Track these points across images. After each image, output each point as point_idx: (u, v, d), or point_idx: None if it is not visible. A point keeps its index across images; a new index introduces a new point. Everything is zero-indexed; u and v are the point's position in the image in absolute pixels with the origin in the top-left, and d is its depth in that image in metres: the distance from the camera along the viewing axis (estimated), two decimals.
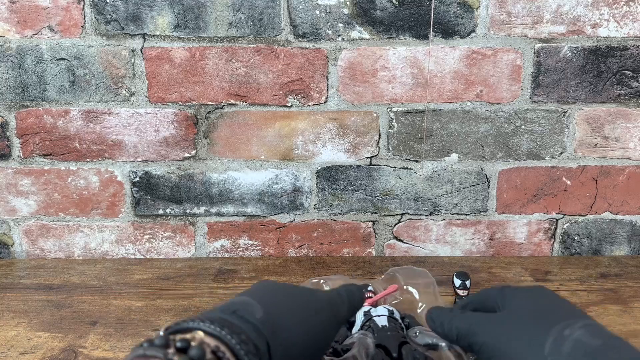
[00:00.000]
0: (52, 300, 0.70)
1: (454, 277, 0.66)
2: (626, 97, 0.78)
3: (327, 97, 0.77)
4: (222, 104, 0.77)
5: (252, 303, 0.35)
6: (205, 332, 0.31)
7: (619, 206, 0.82)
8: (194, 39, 0.75)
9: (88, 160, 0.79)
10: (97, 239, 0.83)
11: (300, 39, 0.75)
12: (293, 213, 0.82)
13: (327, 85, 0.77)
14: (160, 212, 0.82)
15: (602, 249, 0.85)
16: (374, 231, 0.82)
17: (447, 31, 0.75)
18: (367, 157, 0.79)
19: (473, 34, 0.75)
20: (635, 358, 0.31)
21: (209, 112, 0.78)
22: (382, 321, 0.53)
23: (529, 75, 0.77)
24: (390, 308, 0.56)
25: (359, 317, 0.55)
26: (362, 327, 0.54)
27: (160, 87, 0.77)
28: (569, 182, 0.81)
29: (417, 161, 0.80)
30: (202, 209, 0.82)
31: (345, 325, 0.55)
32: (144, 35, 0.75)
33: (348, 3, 0.74)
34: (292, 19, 0.74)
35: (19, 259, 0.83)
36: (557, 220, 0.83)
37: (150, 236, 0.83)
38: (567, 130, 0.79)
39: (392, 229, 0.82)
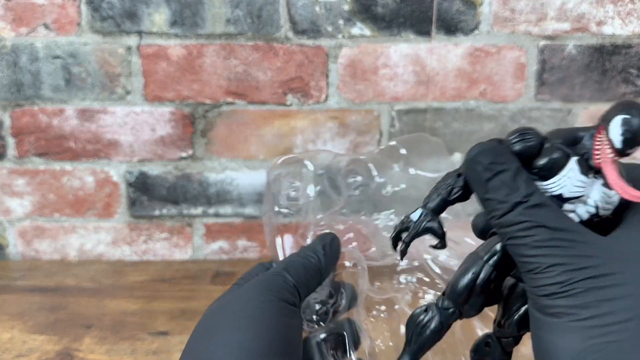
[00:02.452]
0: (47, 303, 0.69)
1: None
2: (631, 96, 0.77)
3: (327, 96, 0.76)
4: (220, 102, 0.76)
5: None
6: None
7: None
8: (191, 36, 0.74)
9: (83, 160, 0.78)
10: (92, 240, 0.82)
11: (299, 36, 0.74)
12: None
13: (327, 83, 0.76)
14: (157, 213, 0.81)
15: None
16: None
17: (450, 28, 0.74)
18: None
19: (476, 31, 0.74)
20: None
21: (206, 111, 0.77)
22: None
23: (533, 74, 0.76)
24: (609, 203, 0.28)
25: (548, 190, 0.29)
26: None
27: (157, 85, 0.76)
28: None
29: None
30: (200, 210, 0.81)
31: None
32: (140, 33, 0.74)
33: (349, 0, 0.73)
34: (291, 16, 0.73)
35: (14, 260, 0.82)
36: None
37: (147, 237, 0.82)
38: None
39: None
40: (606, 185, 0.27)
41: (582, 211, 0.28)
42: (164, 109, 0.77)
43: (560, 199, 0.28)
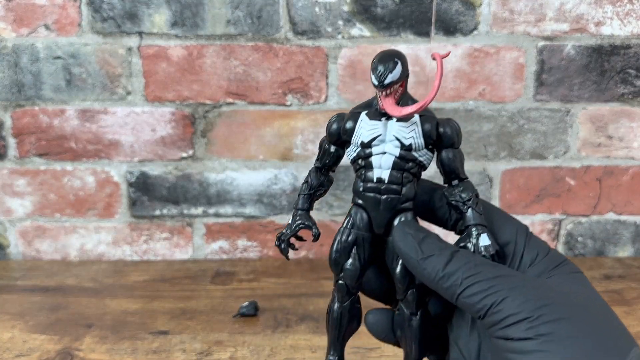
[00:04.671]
0: (48, 302, 0.70)
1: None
2: (630, 96, 0.77)
3: (326, 96, 0.76)
4: (220, 102, 0.77)
5: None
6: None
7: (623, 206, 0.82)
8: (192, 36, 0.74)
9: (84, 160, 0.79)
10: (93, 240, 0.82)
11: (299, 37, 0.74)
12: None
13: (327, 83, 0.76)
14: (157, 213, 0.81)
15: (605, 250, 0.84)
16: None
17: (449, 29, 0.74)
18: None
19: (475, 32, 0.74)
20: None
21: (206, 111, 0.77)
22: (384, 165, 0.33)
23: (532, 74, 0.76)
24: (407, 134, 0.33)
25: (355, 145, 0.34)
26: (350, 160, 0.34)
27: (157, 85, 0.76)
28: (572, 182, 0.81)
29: None
30: (200, 210, 0.81)
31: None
32: (140, 34, 0.74)
33: (348, 0, 0.73)
34: (291, 17, 0.74)
35: (15, 260, 0.82)
36: (560, 221, 0.82)
37: (147, 237, 0.82)
38: (570, 129, 0.78)
39: None
40: (398, 120, 0.33)
41: (391, 147, 0.33)
42: (164, 110, 0.77)
43: (365, 145, 0.33)
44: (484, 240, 0.31)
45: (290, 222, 0.36)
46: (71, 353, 0.59)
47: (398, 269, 0.33)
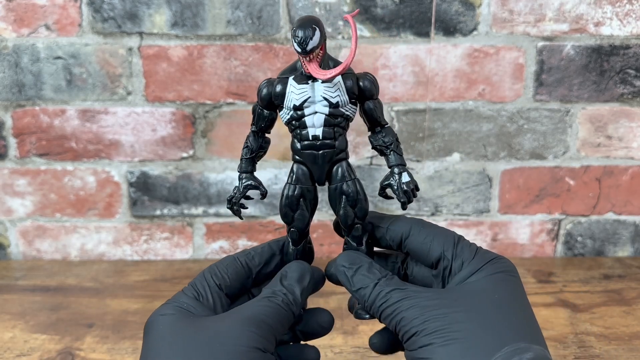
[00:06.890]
0: (49, 302, 0.70)
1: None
2: (629, 96, 0.77)
3: None
4: (221, 102, 0.77)
5: None
6: None
7: (623, 206, 0.82)
8: (192, 37, 0.74)
9: (84, 160, 0.79)
10: (93, 240, 0.82)
11: None
12: None
13: None
14: (158, 212, 0.81)
15: (605, 250, 0.84)
16: None
17: (449, 29, 0.74)
18: (367, 157, 0.78)
19: (475, 32, 0.74)
20: None
21: (207, 111, 0.77)
22: (317, 123, 0.37)
23: (531, 74, 0.76)
24: (334, 93, 0.36)
25: (287, 109, 0.37)
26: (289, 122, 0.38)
27: (158, 85, 0.76)
28: (572, 182, 0.81)
29: (418, 161, 0.79)
30: (200, 210, 0.81)
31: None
32: (141, 34, 0.74)
33: (348, 0, 0.73)
34: (291, 17, 0.74)
35: (15, 260, 0.82)
36: (560, 220, 0.82)
37: (148, 237, 0.82)
38: (570, 129, 0.79)
39: None
40: (324, 82, 0.35)
41: (320, 107, 0.36)
42: (164, 110, 0.77)
43: (297, 108, 0.36)
44: (405, 177, 0.37)
45: (237, 185, 0.39)
46: (72, 353, 0.59)
47: (341, 212, 0.38)
